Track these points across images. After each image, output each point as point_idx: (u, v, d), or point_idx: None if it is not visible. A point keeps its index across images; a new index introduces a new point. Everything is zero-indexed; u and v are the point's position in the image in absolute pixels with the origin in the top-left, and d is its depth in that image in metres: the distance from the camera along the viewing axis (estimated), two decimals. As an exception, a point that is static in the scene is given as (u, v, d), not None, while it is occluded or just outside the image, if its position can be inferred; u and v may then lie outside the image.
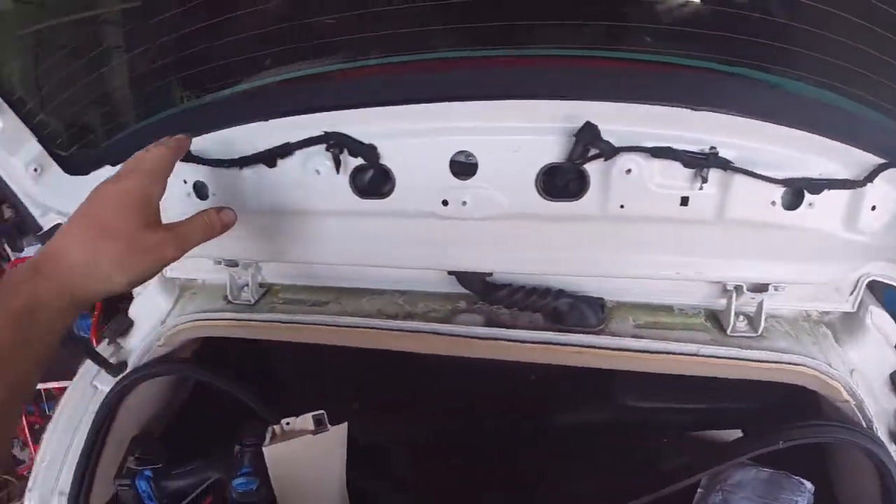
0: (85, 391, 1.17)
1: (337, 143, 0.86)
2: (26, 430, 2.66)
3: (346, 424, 1.08)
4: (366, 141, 0.85)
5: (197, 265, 1.11)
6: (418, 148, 0.86)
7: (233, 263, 1.05)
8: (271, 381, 1.52)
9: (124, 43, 0.96)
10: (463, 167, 0.87)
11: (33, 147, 0.99)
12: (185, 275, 1.16)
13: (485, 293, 1.01)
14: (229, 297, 1.10)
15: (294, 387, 1.53)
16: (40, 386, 2.65)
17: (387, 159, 0.87)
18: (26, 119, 0.97)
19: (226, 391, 1.10)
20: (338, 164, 0.86)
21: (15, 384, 0.47)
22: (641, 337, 0.96)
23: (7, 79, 0.95)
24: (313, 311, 1.02)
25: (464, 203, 0.88)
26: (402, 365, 1.15)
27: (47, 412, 2.92)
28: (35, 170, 1.00)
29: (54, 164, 1.01)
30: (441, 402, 1.31)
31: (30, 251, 4.02)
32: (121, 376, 1.09)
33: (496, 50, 0.86)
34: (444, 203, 0.89)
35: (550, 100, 0.78)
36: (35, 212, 1.07)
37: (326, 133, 0.86)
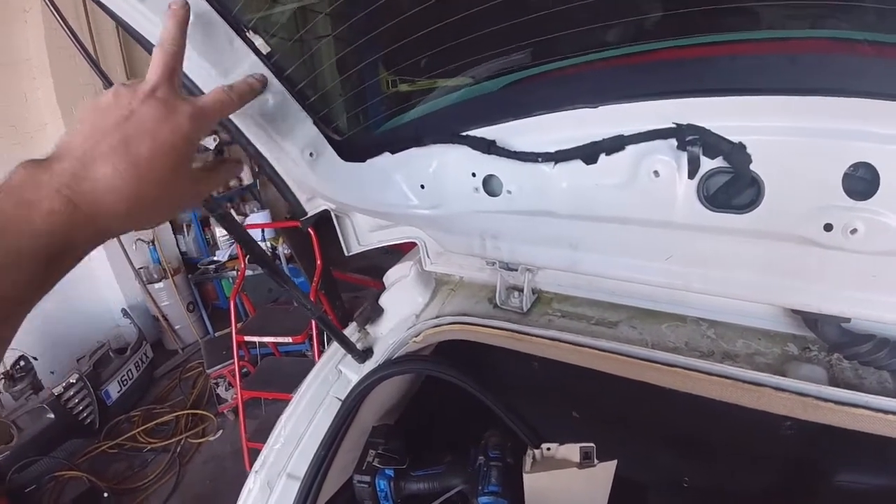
0: (329, 375, 1.17)
1: (696, 140, 0.67)
2: (237, 374, 2.87)
3: (614, 462, 0.94)
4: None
5: (461, 261, 1.00)
6: (806, 153, 0.64)
7: (508, 266, 0.92)
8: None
9: (413, 16, 0.85)
10: (858, 183, 0.64)
11: (309, 130, 0.93)
12: (445, 269, 1.06)
13: (840, 344, 0.77)
14: (497, 302, 0.98)
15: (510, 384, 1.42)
16: (257, 339, 2.85)
17: (758, 164, 0.66)
18: (302, 98, 0.91)
19: (476, 397, 1.01)
20: (695, 166, 0.68)
21: (22, 318, 0.46)
22: None
23: (283, 56, 0.87)
24: (603, 335, 0.86)
25: (853, 231, 0.65)
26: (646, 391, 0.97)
27: (258, 359, 3.23)
28: (311, 154, 0.95)
29: (329, 148, 0.95)
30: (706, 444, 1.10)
31: (254, 218, 4.26)
32: (386, 366, 1.02)
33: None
34: (827, 228, 0.66)
35: None
36: (301, 197, 1.04)
37: (680, 125, 0.67)
